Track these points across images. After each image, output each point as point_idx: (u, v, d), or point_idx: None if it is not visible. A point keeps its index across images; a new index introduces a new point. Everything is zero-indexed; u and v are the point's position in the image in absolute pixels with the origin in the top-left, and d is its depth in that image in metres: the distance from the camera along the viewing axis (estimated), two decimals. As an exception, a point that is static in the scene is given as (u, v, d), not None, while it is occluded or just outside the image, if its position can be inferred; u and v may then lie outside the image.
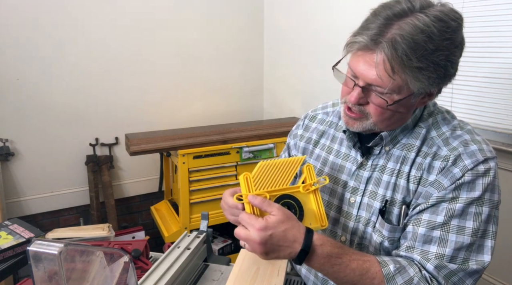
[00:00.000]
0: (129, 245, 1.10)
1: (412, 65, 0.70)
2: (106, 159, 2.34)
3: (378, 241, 0.86)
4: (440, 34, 0.70)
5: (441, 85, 0.77)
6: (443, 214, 0.77)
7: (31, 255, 0.66)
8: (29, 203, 2.23)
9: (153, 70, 2.40)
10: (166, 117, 2.49)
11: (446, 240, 0.76)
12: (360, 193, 0.90)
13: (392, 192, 0.85)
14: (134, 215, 2.59)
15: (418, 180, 0.82)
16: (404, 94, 0.75)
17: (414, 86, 0.73)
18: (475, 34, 1.41)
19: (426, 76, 0.72)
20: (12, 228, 1.30)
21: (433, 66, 0.71)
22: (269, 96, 2.78)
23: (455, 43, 0.73)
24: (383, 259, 0.79)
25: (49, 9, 2.07)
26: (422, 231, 0.78)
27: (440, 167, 0.79)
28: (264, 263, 0.91)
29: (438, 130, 0.84)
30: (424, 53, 0.70)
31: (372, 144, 0.88)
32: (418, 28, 0.69)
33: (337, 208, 0.94)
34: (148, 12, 2.31)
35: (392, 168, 0.86)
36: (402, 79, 0.72)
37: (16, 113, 2.11)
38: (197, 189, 2.04)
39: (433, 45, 0.70)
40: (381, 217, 0.84)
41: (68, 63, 2.17)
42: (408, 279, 0.75)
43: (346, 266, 0.76)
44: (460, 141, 0.81)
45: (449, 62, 0.73)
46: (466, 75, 1.46)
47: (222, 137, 2.10)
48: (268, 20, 2.65)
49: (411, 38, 0.69)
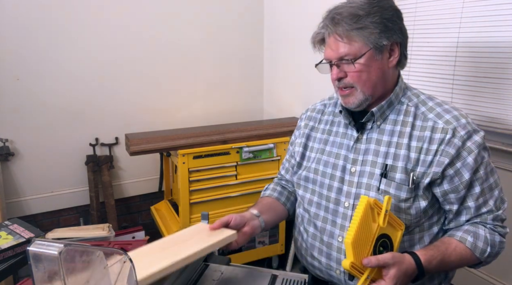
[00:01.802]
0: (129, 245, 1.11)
1: (353, 28, 0.95)
2: (106, 159, 2.34)
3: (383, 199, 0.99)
4: (368, 5, 0.96)
5: (390, 39, 0.97)
6: (477, 184, 0.98)
7: (31, 255, 0.66)
8: (29, 203, 2.23)
9: (153, 70, 2.40)
10: (166, 117, 2.49)
11: (487, 200, 1.00)
12: (359, 163, 1.04)
13: (392, 160, 1.00)
14: (134, 215, 2.59)
15: (419, 150, 0.98)
16: (364, 50, 0.96)
17: (367, 42, 0.95)
18: (475, 34, 1.41)
19: (369, 32, 0.95)
20: (12, 228, 1.30)
21: (371, 25, 0.95)
22: (269, 96, 2.78)
23: (385, 7, 0.97)
24: (459, 235, 0.98)
25: (49, 10, 2.08)
26: (473, 204, 0.99)
27: (440, 138, 0.97)
28: (203, 235, 1.01)
29: (426, 105, 1.03)
30: (359, 18, 0.94)
31: (365, 120, 1.04)
32: (351, 7, 0.96)
33: (340, 179, 1.07)
34: (148, 12, 2.31)
35: (387, 141, 1.02)
36: (355, 41, 0.96)
37: (16, 113, 2.11)
38: (197, 189, 2.04)
39: (364, 12, 0.95)
40: (384, 179, 1.00)
41: (68, 63, 2.17)
42: (484, 238, 0.97)
43: (448, 263, 0.95)
44: (452, 116, 0.99)
45: (384, 20, 0.95)
46: (466, 75, 1.46)
47: (222, 137, 2.10)
48: (268, 20, 2.65)
49: (346, 12, 0.95)
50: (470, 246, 0.96)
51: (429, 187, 1.00)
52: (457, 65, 1.48)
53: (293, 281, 1.07)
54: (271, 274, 1.10)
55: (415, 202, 0.99)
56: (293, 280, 1.08)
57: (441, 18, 1.52)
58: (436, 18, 1.54)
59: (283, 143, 2.17)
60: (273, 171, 2.21)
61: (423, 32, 1.60)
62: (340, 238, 1.04)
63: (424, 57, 1.61)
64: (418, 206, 0.99)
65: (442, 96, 1.52)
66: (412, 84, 1.64)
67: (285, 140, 2.18)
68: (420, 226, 1.02)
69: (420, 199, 0.99)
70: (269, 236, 2.26)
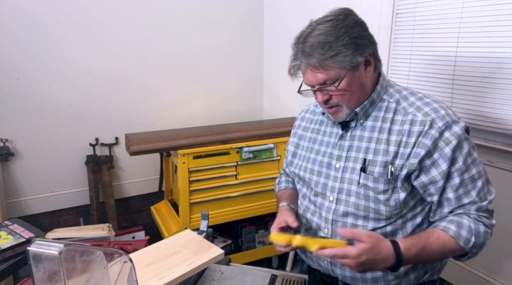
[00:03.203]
0: (129, 245, 1.11)
1: (326, 57, 0.95)
2: (106, 159, 2.34)
3: (366, 193, 1.03)
4: (334, 28, 0.96)
5: (364, 53, 0.98)
6: (456, 175, 0.97)
7: (31, 255, 0.66)
8: (29, 203, 2.23)
9: (153, 70, 2.40)
10: (166, 117, 2.49)
11: (469, 191, 0.98)
12: (343, 159, 1.09)
13: (372, 155, 1.03)
14: (134, 215, 2.59)
15: (399, 143, 1.00)
16: (343, 74, 0.98)
17: (343, 66, 0.97)
18: (475, 34, 1.41)
19: (343, 56, 0.96)
20: (12, 228, 1.30)
21: (343, 48, 0.95)
22: (269, 96, 2.78)
23: (350, 25, 0.97)
24: (443, 225, 0.97)
25: (49, 10, 2.08)
26: (452, 195, 0.98)
27: (419, 130, 0.98)
28: (190, 250, 1.02)
29: (407, 100, 1.04)
30: (330, 46, 0.95)
31: (349, 119, 1.08)
32: (318, 35, 0.96)
33: (326, 175, 1.11)
34: (148, 13, 2.31)
35: (368, 137, 1.05)
36: (331, 68, 0.97)
37: (16, 113, 2.11)
38: (197, 189, 2.04)
39: (333, 37, 0.95)
40: (363, 173, 1.03)
41: (68, 63, 2.17)
42: (468, 228, 0.96)
43: (430, 251, 0.95)
44: (431, 108, 1.00)
45: (353, 38, 0.96)
46: (466, 75, 1.46)
47: (222, 137, 2.10)
48: (268, 20, 2.65)
49: (316, 41, 0.96)
50: (453, 235, 0.96)
51: (408, 179, 1.01)
52: (457, 65, 1.48)
53: (293, 281, 1.07)
54: (271, 274, 1.10)
55: (394, 194, 1.01)
56: (293, 280, 1.08)
57: (441, 18, 1.51)
58: (436, 18, 1.54)
59: (283, 143, 2.17)
60: (273, 171, 2.21)
61: (423, 32, 1.60)
62: (326, 230, 1.09)
63: (424, 57, 1.61)
64: (398, 198, 1.01)
65: (442, 96, 1.52)
66: (412, 84, 1.65)
67: (285, 140, 2.18)
68: (403, 217, 1.04)
69: (399, 190, 1.01)
70: (269, 236, 2.26)
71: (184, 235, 1.09)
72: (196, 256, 0.99)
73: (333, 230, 1.07)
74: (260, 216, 2.34)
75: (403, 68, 1.71)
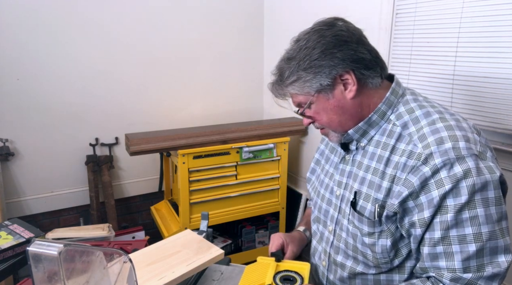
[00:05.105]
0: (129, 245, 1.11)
1: (285, 85, 0.90)
2: (106, 159, 2.34)
3: (354, 232, 0.90)
4: (297, 52, 0.88)
5: (330, 74, 0.86)
6: (438, 228, 0.76)
7: (31, 255, 0.66)
8: (29, 203, 2.23)
9: (153, 70, 2.40)
10: (166, 117, 2.49)
11: (451, 253, 0.75)
12: (343, 186, 0.96)
13: (366, 188, 0.88)
14: (134, 215, 2.59)
15: (393, 178, 0.83)
16: (308, 99, 0.90)
17: (308, 90, 0.88)
18: (475, 34, 1.41)
19: (303, 81, 0.88)
20: (12, 228, 1.30)
21: (303, 73, 0.87)
22: (269, 96, 2.76)
23: (311, 48, 0.86)
24: None
25: (49, 10, 2.07)
26: (427, 250, 0.79)
27: (412, 165, 0.80)
28: (190, 250, 1.01)
29: (416, 124, 0.84)
30: (290, 71, 0.88)
31: (344, 141, 0.96)
32: (281, 59, 0.92)
33: (328, 201, 1.01)
34: (148, 12, 2.31)
35: (367, 165, 0.90)
36: (295, 93, 0.91)
37: (16, 113, 2.11)
38: (197, 189, 2.04)
39: (295, 61, 0.88)
40: (352, 209, 0.89)
41: (68, 63, 2.17)
42: None
43: None
44: (436, 138, 0.79)
45: (315, 61, 0.85)
46: (466, 75, 1.46)
47: (222, 137, 2.10)
48: (268, 20, 2.65)
49: (277, 68, 0.92)
50: None
51: (395, 222, 0.84)
52: (457, 65, 1.48)
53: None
54: (271, 274, 1.10)
55: (381, 239, 0.85)
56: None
57: (441, 18, 1.51)
58: (436, 18, 1.53)
59: (283, 143, 2.17)
60: (273, 171, 2.21)
61: (423, 32, 1.60)
62: (324, 263, 1.03)
63: (424, 57, 1.61)
64: (385, 244, 0.85)
65: (442, 96, 1.52)
66: (412, 84, 1.65)
67: (285, 140, 2.18)
68: (400, 268, 0.88)
69: (387, 235, 0.84)
70: (269, 236, 2.26)
71: (184, 235, 1.09)
72: (196, 256, 0.99)
73: (329, 265, 1.00)
74: (260, 216, 2.34)
75: (403, 68, 1.71)
